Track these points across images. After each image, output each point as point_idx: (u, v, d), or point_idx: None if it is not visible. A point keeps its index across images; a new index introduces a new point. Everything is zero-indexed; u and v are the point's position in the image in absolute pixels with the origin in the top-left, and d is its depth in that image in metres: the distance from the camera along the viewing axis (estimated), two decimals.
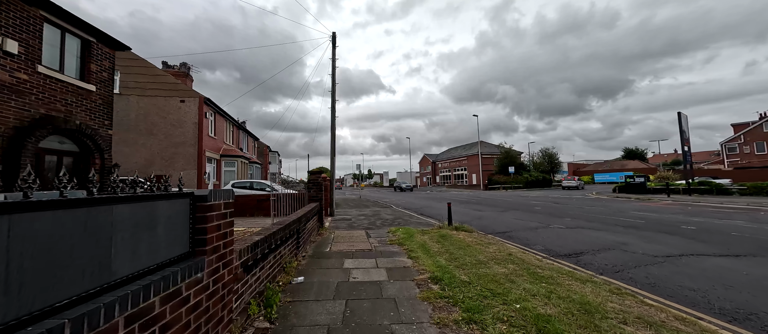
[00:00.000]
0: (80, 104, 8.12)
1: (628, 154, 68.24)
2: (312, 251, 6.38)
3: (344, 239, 7.67)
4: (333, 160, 13.23)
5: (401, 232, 8.30)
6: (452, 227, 8.38)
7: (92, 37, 8.53)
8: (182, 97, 15.46)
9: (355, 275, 4.63)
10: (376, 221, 11.25)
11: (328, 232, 8.69)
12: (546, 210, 13.90)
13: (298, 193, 9.10)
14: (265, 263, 3.73)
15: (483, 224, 10.22)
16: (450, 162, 59.73)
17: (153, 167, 14.85)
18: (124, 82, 14.98)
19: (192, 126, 15.44)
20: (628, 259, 5.71)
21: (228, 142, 20.02)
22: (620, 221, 10.05)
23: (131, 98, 15.00)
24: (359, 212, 14.68)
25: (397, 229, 8.89)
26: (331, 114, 13.23)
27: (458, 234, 7.58)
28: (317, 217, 8.78)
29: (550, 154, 45.46)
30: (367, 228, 9.53)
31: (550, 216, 11.75)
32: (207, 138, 16.33)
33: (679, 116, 22.02)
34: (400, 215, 13.25)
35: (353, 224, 10.34)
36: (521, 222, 10.51)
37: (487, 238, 7.46)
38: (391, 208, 16.94)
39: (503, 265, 4.91)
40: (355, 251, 6.29)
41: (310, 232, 7.19)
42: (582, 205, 16.15)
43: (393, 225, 10.18)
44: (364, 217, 12.46)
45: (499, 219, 11.50)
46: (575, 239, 7.62)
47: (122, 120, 14.86)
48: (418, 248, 6.25)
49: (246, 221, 10.94)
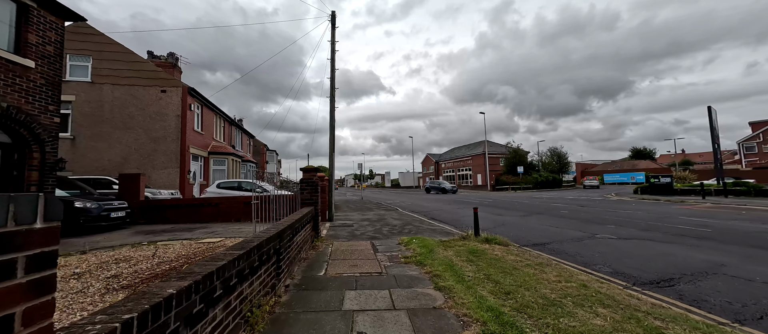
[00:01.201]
0: (12, 83, 6.42)
1: (635, 154, 66.39)
2: (300, 275, 4.68)
3: (345, 254, 5.96)
4: (332, 157, 11.54)
5: (416, 244, 6.60)
6: (481, 238, 6.65)
7: (32, 1, 6.82)
8: (163, 87, 13.78)
9: (361, 328, 2.93)
10: (383, 227, 9.55)
11: (325, 244, 6.99)
12: (575, 214, 12.18)
13: (292, 195, 7.45)
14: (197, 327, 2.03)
15: (511, 233, 8.51)
16: (454, 162, 57.98)
17: (128, 165, 13.18)
18: (97, 70, 13.31)
19: (174, 119, 13.76)
20: (754, 292, 3.99)
21: (218, 138, 18.35)
22: (681, 230, 8.32)
23: (105, 87, 13.33)
24: (362, 215, 12.98)
25: (409, 239, 7.19)
26: (331, 104, 11.54)
27: (492, 249, 5.87)
28: (311, 224, 7.08)
29: (559, 153, 43.72)
30: (373, 238, 7.83)
31: (586, 222, 10.03)
32: (192, 133, 14.65)
33: (709, 111, 20.26)
34: (409, 219, 11.54)
35: (355, 232, 8.64)
36: (556, 230, 8.80)
37: (531, 255, 5.74)
38: (397, 211, 15.24)
39: (589, 307, 3.21)
40: (359, 276, 4.59)
41: (300, 246, 5.50)
42: (612, 208, 14.42)
43: (403, 233, 8.48)
44: (367, 222, 10.77)
45: (526, 225, 9.78)
46: (643, 255, 5.90)
47: (94, 111, 13.20)
48: (445, 270, 4.56)
49: (230, 227, 9.26)
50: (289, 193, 7.54)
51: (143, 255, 5.34)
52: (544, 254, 6.12)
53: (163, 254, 5.52)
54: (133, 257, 5.23)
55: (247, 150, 26.36)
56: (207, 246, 6.30)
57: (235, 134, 22.38)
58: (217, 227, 9.24)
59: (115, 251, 5.79)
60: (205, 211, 10.80)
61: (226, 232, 8.31)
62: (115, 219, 8.70)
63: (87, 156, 12.94)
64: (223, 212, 10.62)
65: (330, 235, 8.26)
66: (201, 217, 10.69)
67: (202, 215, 10.73)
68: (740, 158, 40.54)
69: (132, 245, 6.45)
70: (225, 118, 19.76)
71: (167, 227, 9.50)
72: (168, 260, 5.07)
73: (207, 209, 10.80)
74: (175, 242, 6.76)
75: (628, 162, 54.83)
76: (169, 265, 4.69)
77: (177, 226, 9.61)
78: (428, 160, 70.22)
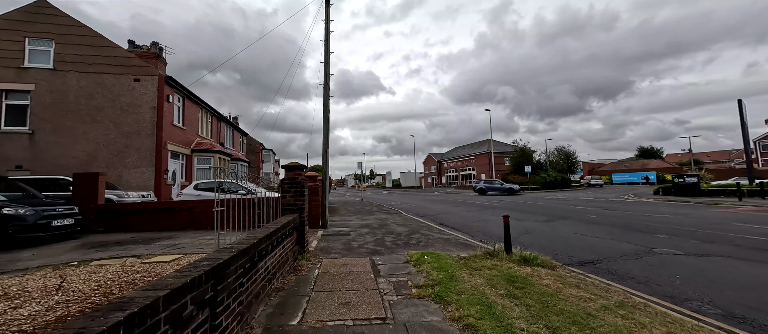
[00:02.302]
0: None
1: (643, 153, 64.74)
2: (264, 323, 3.10)
3: (335, 281, 4.39)
4: (326, 154, 9.96)
5: (430, 262, 5.03)
6: (516, 256, 5.05)
7: None
8: (136, 75, 12.22)
9: None
10: (385, 237, 7.98)
11: (312, 263, 5.42)
12: (605, 219, 10.58)
13: (279, 197, 5.92)
14: None
15: (541, 244, 6.94)
16: (457, 162, 56.40)
17: (96, 163, 11.62)
18: (61, 55, 11.76)
19: (149, 111, 12.20)
20: None
21: (204, 134, 16.78)
22: (755, 242, 6.72)
23: (69, 75, 11.77)
24: (361, 220, 11.41)
25: (420, 255, 5.61)
26: (324, 91, 9.96)
27: (537, 274, 4.29)
28: (294, 237, 5.51)
29: (567, 152, 42.08)
30: (373, 251, 6.26)
31: (627, 230, 8.44)
32: (171, 128, 13.09)
33: (740, 105, 18.62)
34: (415, 225, 9.97)
35: (352, 244, 7.07)
36: (597, 240, 7.21)
37: (594, 285, 4.15)
38: (400, 214, 13.67)
39: None
40: (352, 325, 3.02)
41: (273, 272, 3.93)
42: (642, 211, 12.81)
43: (410, 245, 6.91)
44: (367, 229, 9.20)
45: (555, 234, 8.19)
46: (747, 284, 4.31)
47: (57, 102, 11.64)
48: (481, 315, 3.02)
49: (202, 237, 7.65)
50: (277, 195, 6.05)
51: (44, 287, 3.77)
52: (603, 279, 4.54)
53: (80, 283, 3.95)
54: (25, 290, 3.66)
55: (240, 148, 24.81)
56: (150, 270, 4.73)
57: (225, 131, 20.82)
58: (185, 238, 7.67)
59: (19, 279, 4.22)
60: (178, 216, 9.22)
61: (192, 245, 6.74)
62: (59, 228, 7.13)
63: (48, 153, 11.39)
64: (198, 217, 9.05)
65: (320, 248, 6.68)
66: (172, 223, 9.12)
67: (173, 221, 9.16)
68: (757, 157, 38.84)
69: (55, 267, 4.89)
70: (213, 112, 18.19)
71: (127, 236, 7.94)
72: (76, 296, 3.50)
73: (180, 215, 9.23)
74: (114, 262, 5.19)
75: (637, 161, 53.13)
76: (64, 309, 3.12)
77: (138, 235, 8.04)
78: (430, 159, 68.66)
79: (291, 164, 6.07)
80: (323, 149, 9.91)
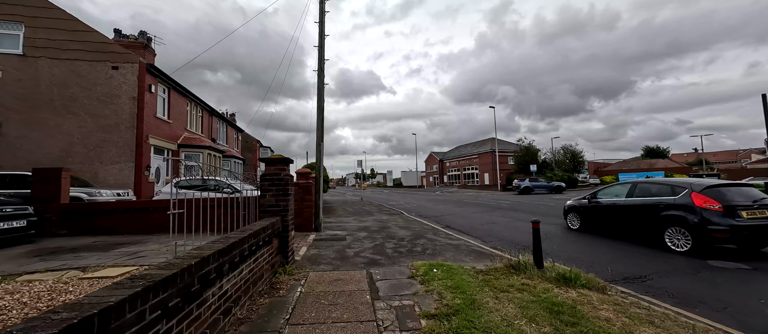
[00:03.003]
0: None
1: (649, 152, 63.44)
2: None
3: (320, 304, 3.37)
4: (320, 148, 8.92)
5: (440, 279, 4.01)
6: (552, 273, 4.00)
7: None
8: (115, 63, 11.20)
9: None
10: (386, 242, 6.95)
11: (296, 277, 4.40)
12: None
13: (255, 198, 4.96)
14: None
15: (570, 254, 5.91)
16: (459, 160, 55.32)
17: (71, 158, 10.62)
18: (31, 40, 10.75)
19: (129, 102, 11.19)
20: None
21: (192, 128, 15.76)
22: None
23: (41, 62, 10.76)
24: (359, 222, 10.39)
25: (427, 268, 4.59)
26: (319, 79, 8.93)
27: (588, 300, 3.24)
28: (274, 247, 4.49)
29: (573, 151, 40.89)
30: (371, 263, 5.23)
31: None
32: (154, 120, 12.08)
33: (765, 99, 17.50)
34: (419, 228, 8.94)
35: (347, 251, 6.04)
36: (640, 249, 6.16)
37: (665, 314, 3.10)
38: (402, 215, 12.64)
39: None
40: None
41: (236, 298, 2.91)
42: None
43: (415, 252, 5.89)
44: (365, 233, 8.18)
45: (582, 241, 7.15)
46: None
47: (28, 92, 10.64)
48: None
49: (176, 239, 6.48)
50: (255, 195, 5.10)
51: None
52: (666, 304, 3.50)
53: None
54: None
55: (235, 145, 23.81)
56: (86, 288, 3.72)
57: (218, 126, 19.81)
58: (154, 243, 6.66)
59: None
60: (153, 217, 8.21)
61: (158, 252, 5.73)
62: (5, 232, 6.12)
63: (17, 148, 10.40)
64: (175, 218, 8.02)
65: (309, 257, 5.66)
66: (147, 225, 8.12)
67: (148, 222, 8.16)
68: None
69: None
70: (204, 106, 17.18)
71: (89, 241, 6.93)
72: None
73: (155, 216, 8.21)
74: (48, 277, 4.18)
75: (644, 161, 51.87)
76: None
77: (103, 240, 7.04)
78: (432, 158, 67.59)
79: (272, 157, 5.03)
80: (317, 143, 8.88)
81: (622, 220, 7.05)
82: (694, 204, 5.70)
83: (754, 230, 5.20)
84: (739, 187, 6.06)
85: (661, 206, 6.20)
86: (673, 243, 5.85)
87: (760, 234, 5.23)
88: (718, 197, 5.62)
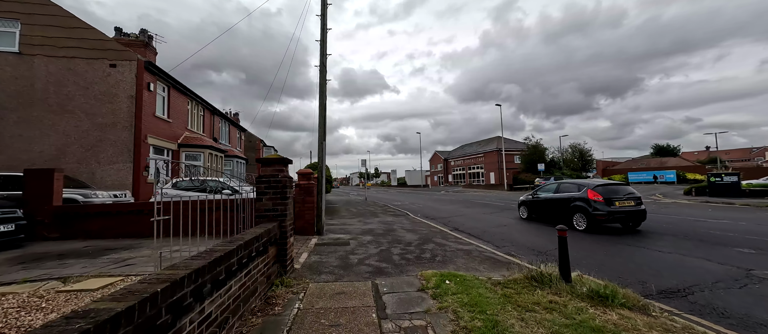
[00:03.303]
0: None
1: (658, 151, 62.08)
2: None
3: (320, 325, 2.96)
4: (322, 146, 8.50)
5: (454, 294, 3.59)
6: (584, 288, 3.53)
7: None
8: (112, 60, 10.89)
9: None
10: (392, 247, 6.51)
11: (294, 289, 3.99)
12: (656, 226, 8.93)
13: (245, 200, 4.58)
14: None
15: (596, 262, 5.42)
16: (464, 159, 54.66)
17: (67, 158, 10.34)
18: (27, 37, 10.49)
19: (127, 101, 10.89)
20: None
21: (193, 128, 15.46)
22: None
23: (37, 60, 10.50)
24: (363, 224, 9.96)
25: (439, 279, 4.15)
26: (321, 72, 8.50)
27: (631, 324, 2.77)
28: (271, 255, 4.07)
29: (582, 150, 40.04)
30: (377, 271, 4.80)
31: (699, 242, 6.85)
32: (153, 119, 11.77)
33: None
34: (427, 232, 8.49)
35: (350, 259, 5.61)
36: (666, 257, 5.65)
37: None
38: (408, 216, 12.20)
39: None
40: None
41: (223, 321, 2.49)
42: (694, 215, 11.13)
43: (424, 259, 5.45)
44: (370, 236, 7.76)
45: (607, 249, 6.65)
46: None
47: (23, 90, 10.39)
48: None
49: (172, 244, 6.11)
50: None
51: None
52: (721, 327, 3.01)
53: None
54: None
55: (238, 145, 23.53)
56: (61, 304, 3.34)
57: (219, 126, 19.53)
58: (147, 249, 6.30)
59: None
60: (149, 220, 7.86)
61: (149, 259, 5.36)
62: None
63: (12, 148, 10.15)
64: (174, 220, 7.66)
65: (310, 265, 5.24)
66: (142, 228, 7.78)
67: (145, 225, 7.80)
68: None
69: None
70: (205, 105, 16.88)
71: (80, 245, 6.60)
72: None
73: (150, 218, 7.86)
74: (24, 289, 3.81)
75: (654, 159, 50.63)
76: None
77: (94, 244, 6.70)
78: (437, 157, 66.99)
79: (269, 158, 4.62)
80: (319, 141, 8.46)
81: (552, 209, 9.45)
82: (588, 197, 8.20)
83: (623, 213, 7.84)
84: (615, 185, 8.53)
85: (572, 199, 8.67)
86: (578, 224, 8.30)
87: (627, 216, 7.91)
88: (602, 192, 8.14)
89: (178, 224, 5.15)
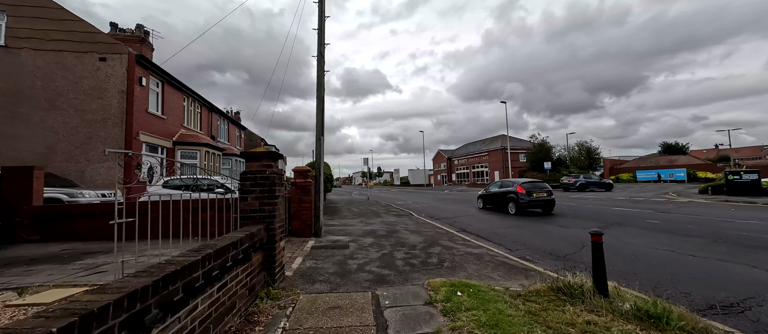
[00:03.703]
0: None
1: (666, 149, 60.80)
2: None
3: None
4: (320, 142, 7.96)
5: (468, 309, 3.06)
6: (621, 301, 2.95)
7: None
8: (102, 54, 10.43)
9: None
10: (395, 251, 5.95)
11: (281, 303, 3.45)
12: (678, 227, 8.33)
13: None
14: None
15: (624, 268, 4.83)
16: (468, 158, 53.92)
17: (56, 156, 9.90)
18: (14, 30, 10.06)
19: (117, 96, 10.43)
20: None
21: (190, 125, 15.00)
22: None
23: (24, 53, 10.06)
24: (365, 225, 9.42)
25: (448, 289, 3.60)
26: (319, 63, 7.96)
27: None
28: (256, 262, 3.53)
29: (589, 148, 39.16)
30: (378, 280, 4.25)
31: (730, 244, 6.22)
32: (145, 116, 11.31)
33: None
34: (432, 234, 7.92)
35: (349, 264, 5.06)
36: (702, 262, 5.05)
37: None
38: (412, 216, 11.64)
39: None
40: None
41: None
42: (718, 215, 10.44)
43: (430, 265, 4.89)
44: (371, 238, 7.20)
45: (631, 252, 6.04)
46: None
47: (9, 86, 9.96)
48: None
49: (153, 248, 5.59)
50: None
51: None
52: None
53: None
54: None
55: (237, 143, 23.10)
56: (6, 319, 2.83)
57: (218, 123, 19.08)
58: (129, 252, 5.78)
59: None
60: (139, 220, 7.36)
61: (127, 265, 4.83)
62: None
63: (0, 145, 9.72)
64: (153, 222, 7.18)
65: (303, 272, 4.69)
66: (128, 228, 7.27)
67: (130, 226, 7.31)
68: None
69: None
70: (202, 102, 16.42)
71: (58, 248, 6.12)
72: None
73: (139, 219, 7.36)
74: None
75: (663, 157, 49.50)
76: None
77: (73, 247, 6.21)
78: (440, 156, 66.29)
79: (255, 152, 4.08)
80: (317, 136, 7.92)
81: (497, 200, 12.56)
82: (517, 191, 11.26)
83: (538, 202, 10.98)
84: (534, 182, 11.85)
85: (508, 192, 11.81)
86: (510, 210, 11.47)
87: (540, 204, 11.02)
88: (525, 186, 11.28)
89: (157, 226, 4.64)
